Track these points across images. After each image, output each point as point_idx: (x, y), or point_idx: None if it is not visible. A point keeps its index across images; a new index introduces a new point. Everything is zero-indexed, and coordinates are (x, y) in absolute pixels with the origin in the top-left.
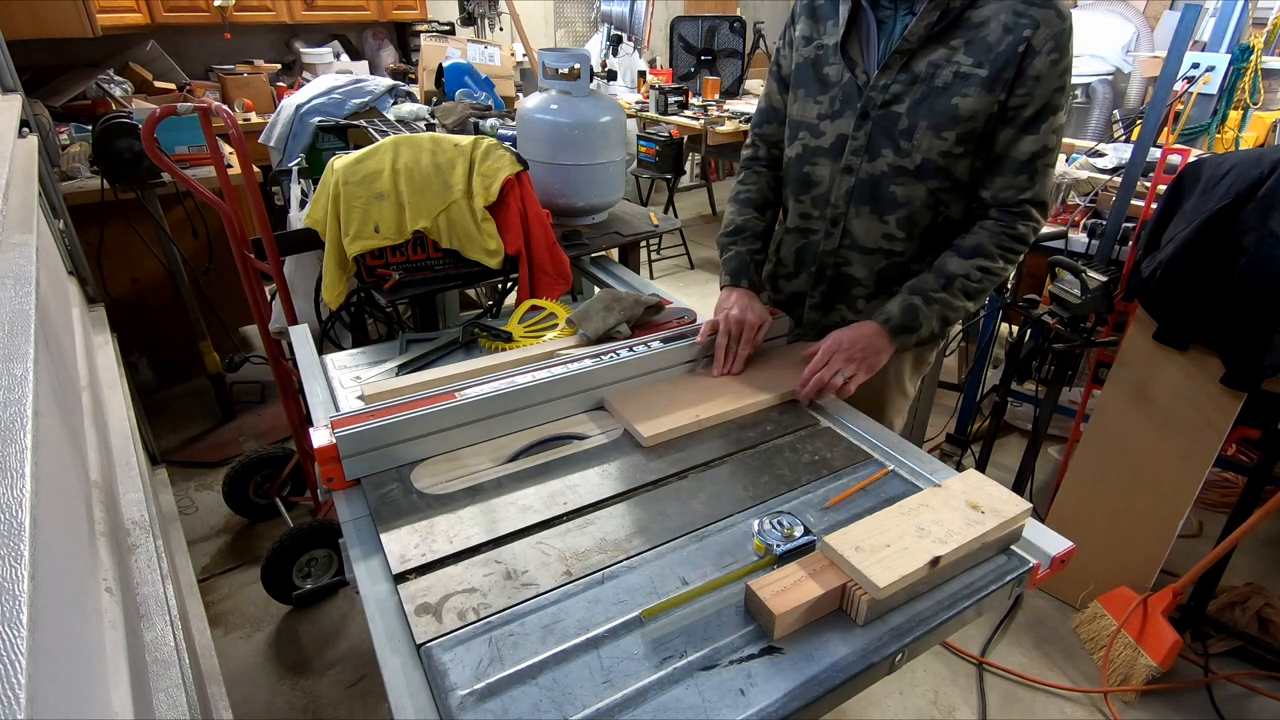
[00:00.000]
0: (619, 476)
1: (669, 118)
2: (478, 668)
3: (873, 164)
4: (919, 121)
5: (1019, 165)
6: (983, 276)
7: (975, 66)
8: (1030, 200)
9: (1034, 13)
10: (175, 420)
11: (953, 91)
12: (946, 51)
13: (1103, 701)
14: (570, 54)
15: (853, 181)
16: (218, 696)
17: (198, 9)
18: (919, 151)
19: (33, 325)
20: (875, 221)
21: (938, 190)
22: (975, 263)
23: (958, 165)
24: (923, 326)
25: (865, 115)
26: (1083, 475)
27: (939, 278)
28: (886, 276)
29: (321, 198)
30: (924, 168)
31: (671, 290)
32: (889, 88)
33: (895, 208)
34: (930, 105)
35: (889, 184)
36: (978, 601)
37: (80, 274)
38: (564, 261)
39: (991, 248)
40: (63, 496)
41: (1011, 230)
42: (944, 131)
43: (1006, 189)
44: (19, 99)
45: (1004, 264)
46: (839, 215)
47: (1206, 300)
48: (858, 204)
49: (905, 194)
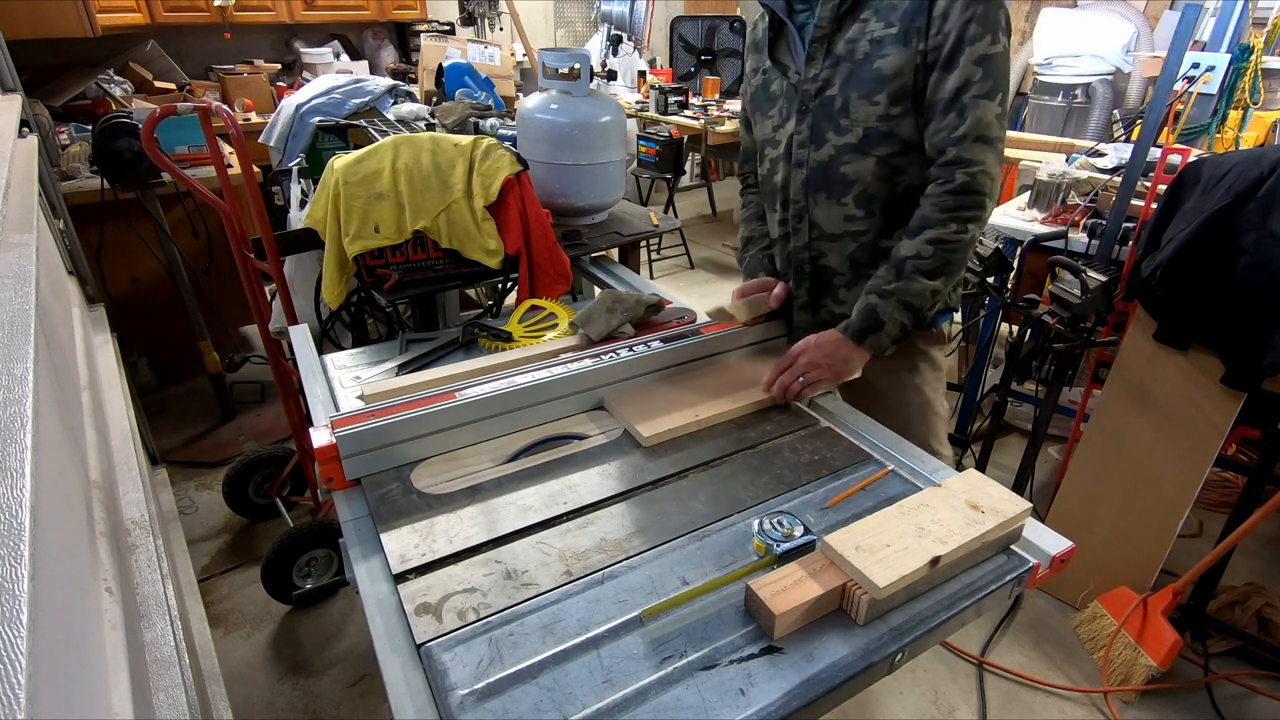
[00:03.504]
0: (619, 476)
1: (669, 118)
2: (478, 668)
3: (819, 151)
4: (850, 95)
5: (945, 104)
6: (935, 250)
7: (887, 28)
8: (963, 138)
9: None
10: (175, 420)
11: (873, 58)
12: (859, 26)
13: (1103, 701)
14: (570, 54)
15: (805, 173)
16: (218, 696)
17: (198, 9)
18: (858, 124)
19: (33, 325)
20: (834, 205)
21: (888, 158)
22: (923, 237)
23: (900, 125)
24: (887, 323)
25: (804, 109)
26: (1083, 475)
27: (891, 268)
28: (859, 260)
29: (321, 198)
30: (867, 138)
31: (671, 290)
32: (818, 76)
33: (848, 187)
34: (856, 78)
35: (838, 166)
36: (978, 601)
37: (80, 274)
38: (564, 261)
39: (935, 214)
40: (63, 496)
41: (951, 184)
42: (875, 96)
43: (938, 133)
44: (19, 99)
45: (956, 227)
46: (801, 209)
47: (1206, 300)
48: (814, 192)
49: (854, 170)
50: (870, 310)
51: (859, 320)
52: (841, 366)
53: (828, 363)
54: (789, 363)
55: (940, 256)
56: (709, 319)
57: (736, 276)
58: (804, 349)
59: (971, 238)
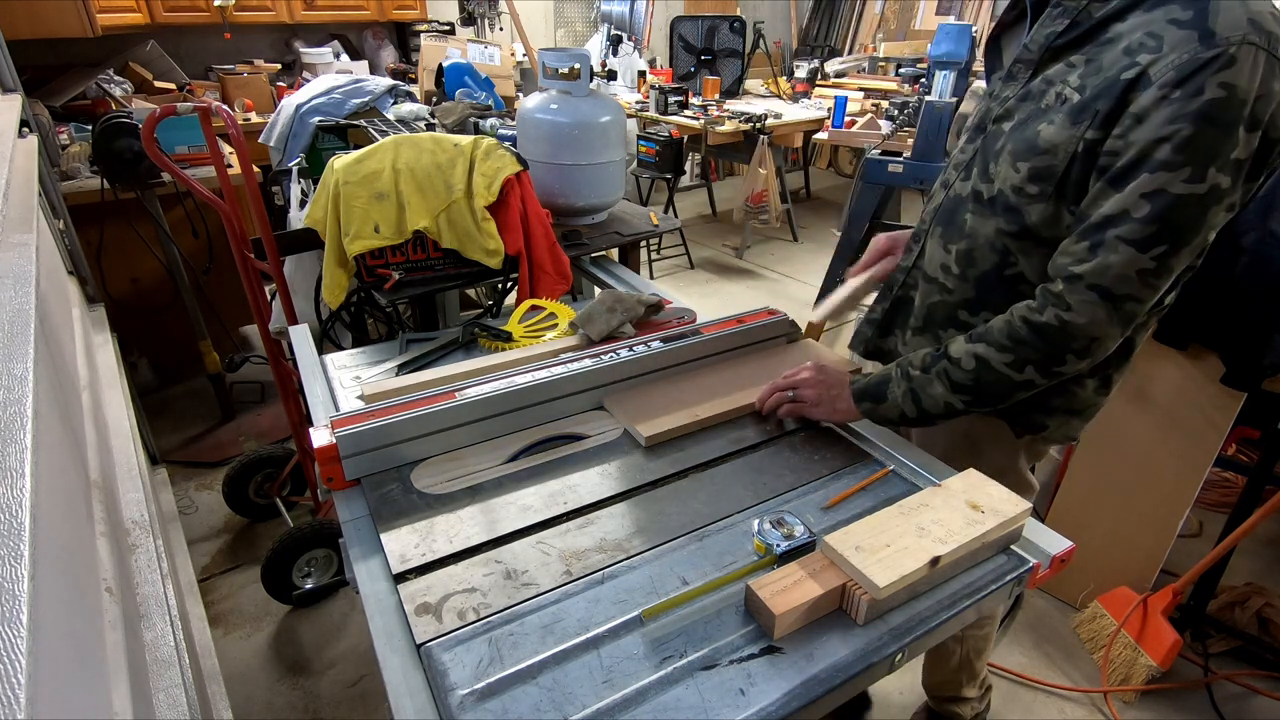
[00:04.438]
0: (619, 476)
1: (669, 118)
2: (478, 667)
3: (964, 184)
4: (1007, 145)
5: (1086, 228)
6: (978, 369)
7: (1075, 90)
8: (1078, 279)
9: (1168, 32)
10: (175, 420)
11: (1043, 116)
12: (1064, 69)
13: (1103, 701)
14: (570, 54)
15: (941, 198)
16: (218, 696)
17: (198, 9)
18: (998, 180)
19: (33, 325)
20: (940, 248)
21: (1005, 233)
22: (975, 348)
23: (1031, 209)
24: (888, 400)
25: (982, 128)
26: (1083, 475)
27: (930, 355)
28: (934, 315)
29: (321, 197)
30: (997, 200)
31: (671, 290)
32: (1006, 101)
33: (960, 238)
34: (1023, 129)
35: (965, 210)
36: (978, 601)
37: (80, 274)
38: (564, 261)
39: (1000, 335)
40: (63, 496)
41: (1039, 317)
42: (1019, 162)
43: (1063, 254)
44: (19, 99)
45: (1007, 359)
46: (921, 231)
47: (1206, 300)
48: (935, 224)
49: (973, 225)
50: (884, 380)
51: (868, 383)
52: (833, 405)
53: (826, 395)
54: (791, 377)
55: (978, 378)
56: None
57: (737, 276)
58: (810, 374)
59: (1027, 382)
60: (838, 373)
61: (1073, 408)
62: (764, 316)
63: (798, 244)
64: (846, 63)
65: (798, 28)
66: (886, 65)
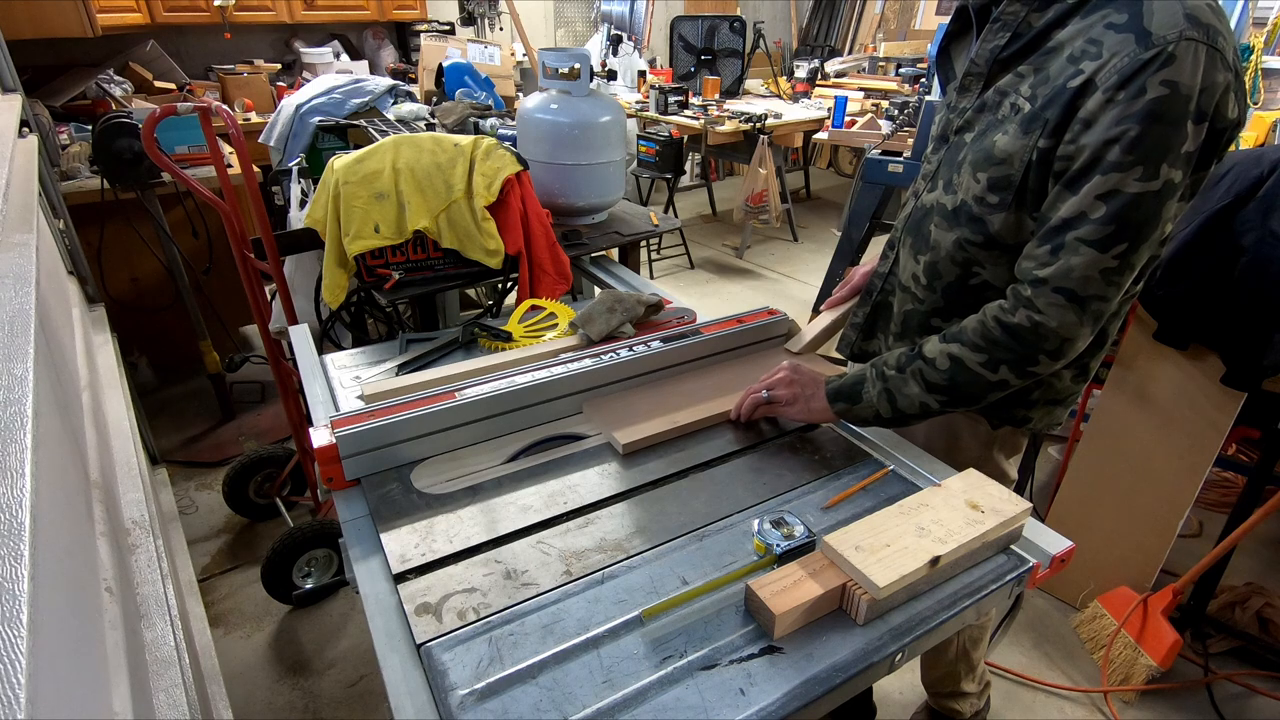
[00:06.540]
0: (619, 476)
1: (669, 117)
2: (478, 667)
3: (930, 194)
4: (970, 155)
5: (1046, 231)
6: (952, 369)
7: (1027, 100)
8: (1043, 282)
9: (1109, 39)
10: (175, 420)
11: (998, 127)
12: (1014, 79)
13: (1103, 701)
14: (570, 54)
15: (911, 208)
16: (218, 696)
17: (198, 9)
18: (960, 190)
19: (33, 325)
20: (911, 258)
21: (967, 243)
22: (949, 349)
23: (993, 218)
24: (863, 400)
25: (945, 139)
26: (1083, 475)
27: (905, 354)
28: (910, 322)
29: (321, 197)
30: (959, 212)
31: (671, 290)
32: (965, 112)
33: (926, 249)
34: (981, 140)
35: (930, 221)
36: (978, 601)
37: (80, 274)
38: (564, 261)
39: (974, 335)
40: (63, 496)
41: (1011, 318)
42: (979, 172)
43: (1027, 258)
44: (19, 99)
45: (981, 359)
46: (895, 239)
47: (1206, 300)
48: (905, 234)
49: (937, 237)
50: (859, 381)
51: (843, 383)
52: (809, 404)
53: (801, 393)
54: (770, 376)
55: (953, 378)
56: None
57: (737, 276)
58: (785, 374)
59: (1000, 382)
60: (813, 373)
61: (1052, 398)
62: (764, 316)
63: (798, 244)
64: (846, 63)
65: (798, 27)
66: (886, 65)
